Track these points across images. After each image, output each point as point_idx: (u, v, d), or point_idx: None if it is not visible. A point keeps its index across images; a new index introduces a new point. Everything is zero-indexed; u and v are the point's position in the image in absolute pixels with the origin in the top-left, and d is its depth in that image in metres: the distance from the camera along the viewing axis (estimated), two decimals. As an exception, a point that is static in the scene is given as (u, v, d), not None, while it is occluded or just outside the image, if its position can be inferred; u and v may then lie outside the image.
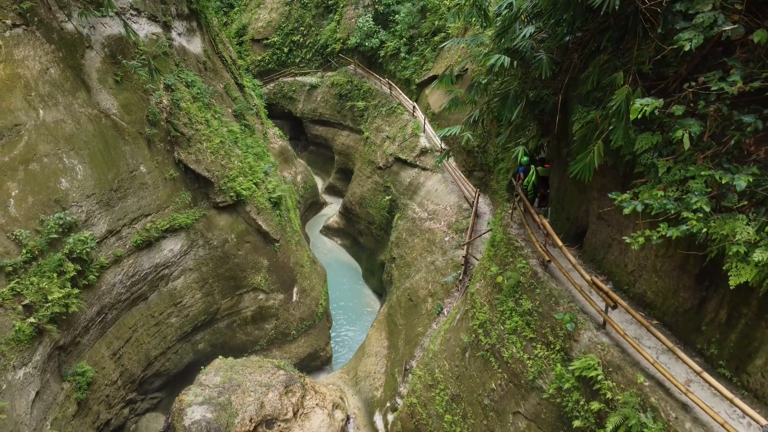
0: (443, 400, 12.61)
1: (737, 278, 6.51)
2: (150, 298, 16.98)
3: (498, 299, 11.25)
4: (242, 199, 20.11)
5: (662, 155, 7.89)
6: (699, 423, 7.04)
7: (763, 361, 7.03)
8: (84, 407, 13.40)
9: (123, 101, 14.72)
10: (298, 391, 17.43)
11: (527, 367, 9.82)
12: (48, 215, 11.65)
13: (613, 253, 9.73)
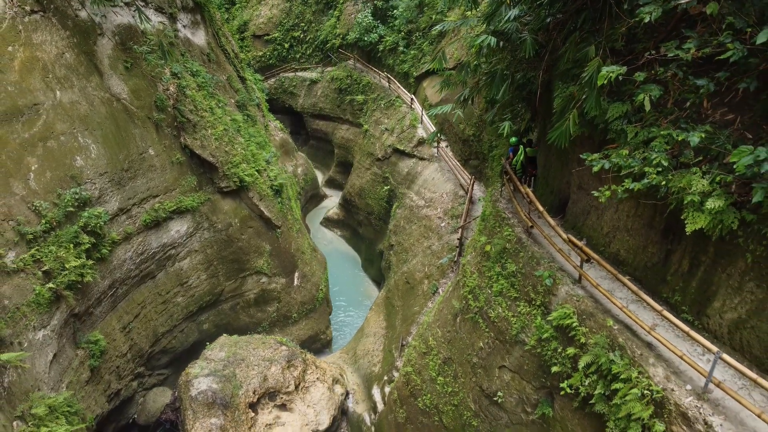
0: (436, 365, 13.37)
1: (693, 225, 7.27)
2: (158, 277, 17.76)
3: (486, 266, 12.02)
4: (245, 185, 20.88)
5: (631, 122, 8.66)
6: (662, 359, 7.80)
7: (720, 304, 7.79)
8: (96, 375, 14.17)
9: (133, 87, 15.51)
10: (300, 366, 18.20)
11: (511, 324, 10.58)
12: (65, 190, 12.44)
13: (591, 219, 10.49)
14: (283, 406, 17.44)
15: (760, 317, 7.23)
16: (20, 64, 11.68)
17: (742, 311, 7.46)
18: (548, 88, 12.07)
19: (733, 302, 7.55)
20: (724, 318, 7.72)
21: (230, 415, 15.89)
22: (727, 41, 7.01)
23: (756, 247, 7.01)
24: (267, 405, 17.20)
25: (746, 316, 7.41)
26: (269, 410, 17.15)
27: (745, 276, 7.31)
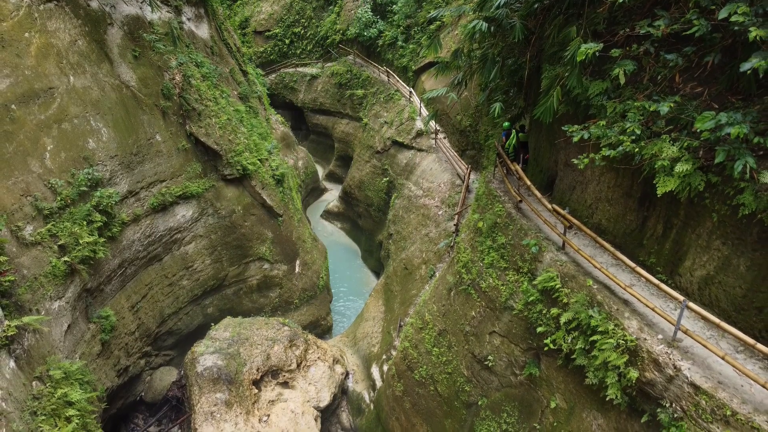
0: (432, 337, 14.01)
1: (663, 188, 7.91)
2: (164, 260, 18.41)
3: (478, 241, 12.66)
4: (248, 173, 21.51)
5: (611, 98, 9.31)
6: (637, 313, 8.45)
7: (690, 262, 8.43)
8: (107, 349, 14.82)
9: (140, 75, 16.16)
10: (302, 345, 18.85)
11: (501, 292, 11.23)
12: (78, 170, 13.09)
13: (577, 193, 11.12)
14: (286, 383, 18.10)
15: (726, 273, 7.87)
16: (36, 49, 12.33)
17: (710, 268, 8.10)
18: (538, 74, 12.69)
19: (702, 260, 8.20)
20: (695, 275, 8.36)
21: (235, 390, 16.54)
22: (694, 18, 7.65)
23: (721, 207, 7.65)
24: (270, 382, 17.85)
25: (714, 273, 8.05)
26: (272, 387, 17.81)
27: (712, 235, 7.95)
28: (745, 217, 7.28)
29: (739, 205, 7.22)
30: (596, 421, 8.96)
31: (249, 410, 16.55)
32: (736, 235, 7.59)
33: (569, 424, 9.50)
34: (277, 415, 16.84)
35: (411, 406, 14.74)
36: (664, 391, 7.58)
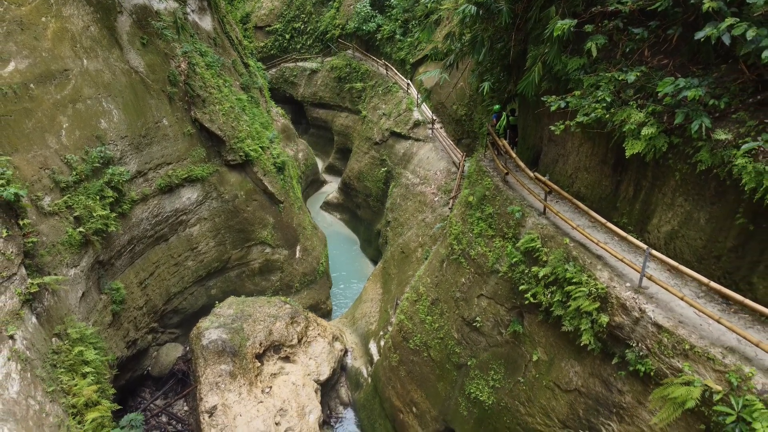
0: (425, 307, 14.80)
1: (631, 150, 8.69)
2: (170, 240, 19.20)
3: (469, 213, 13.45)
4: (250, 159, 22.28)
5: (587, 73, 10.09)
6: (608, 266, 9.23)
7: (657, 220, 9.22)
8: (117, 320, 15.61)
9: (148, 62, 16.95)
10: (302, 322, 19.64)
11: (488, 258, 12.01)
12: (91, 148, 13.87)
13: (559, 165, 11.91)
14: (287, 358, 18.88)
15: (688, 226, 8.66)
16: (52, 33, 13.11)
17: (674, 223, 8.89)
18: (524, 57, 13.46)
19: (667, 216, 8.98)
20: (661, 231, 9.15)
21: (238, 362, 17.32)
22: (657, -6, 8.45)
23: (682, 165, 8.44)
24: (272, 357, 18.63)
25: (678, 227, 8.84)
26: (274, 361, 18.59)
27: (676, 192, 8.74)
28: (702, 173, 8.07)
29: (698, 162, 8.01)
30: (573, 368, 9.74)
31: (252, 381, 17.34)
32: (696, 191, 8.38)
33: (550, 374, 10.29)
34: (279, 387, 17.62)
35: (406, 374, 15.53)
36: (631, 332, 8.36)
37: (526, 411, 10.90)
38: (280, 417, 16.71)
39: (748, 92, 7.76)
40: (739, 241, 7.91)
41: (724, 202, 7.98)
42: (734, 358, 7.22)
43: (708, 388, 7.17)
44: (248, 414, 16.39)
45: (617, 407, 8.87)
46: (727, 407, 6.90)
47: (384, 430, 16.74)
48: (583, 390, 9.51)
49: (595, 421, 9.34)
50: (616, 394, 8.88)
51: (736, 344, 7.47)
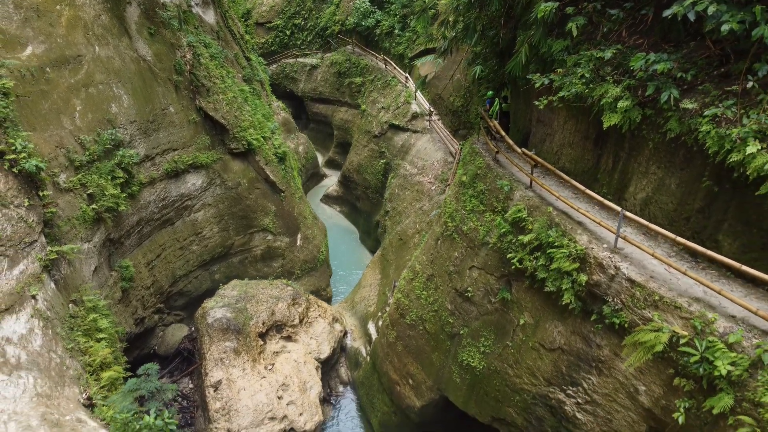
0: (421, 284, 15.49)
1: (608, 122, 9.40)
2: (176, 224, 19.90)
3: (462, 192, 14.15)
4: (253, 148, 22.98)
5: (570, 53, 10.80)
6: (588, 230, 9.94)
7: (633, 188, 9.93)
8: (126, 297, 16.31)
9: (155, 51, 17.65)
10: (304, 304, 20.35)
11: (479, 232, 12.71)
12: (103, 130, 14.58)
13: (546, 144, 12.61)
14: (289, 337, 19.58)
15: (661, 192, 9.37)
16: (66, 20, 13.81)
17: (648, 190, 9.60)
18: (514, 43, 14.16)
19: (642, 184, 9.70)
20: (637, 198, 9.86)
21: (242, 340, 18.02)
22: (631, -23, 9.15)
23: (655, 135, 9.15)
24: (274, 336, 19.33)
25: (651, 193, 9.55)
26: (276, 340, 19.29)
27: (650, 161, 9.45)
28: (672, 141, 8.78)
29: (668, 131, 8.71)
30: (557, 328, 10.45)
31: (255, 358, 18.04)
32: (667, 159, 9.08)
33: (535, 335, 10.99)
34: (281, 364, 18.33)
35: (403, 348, 16.23)
36: (608, 289, 9.07)
37: (514, 372, 11.60)
38: (283, 391, 17.40)
39: (713, 65, 8.47)
40: (705, 203, 8.62)
41: (691, 167, 8.69)
42: (699, 306, 7.93)
43: (675, 333, 7.88)
44: (252, 388, 17.09)
45: (596, 361, 9.57)
46: (692, 349, 7.60)
47: (382, 404, 17.44)
48: (566, 348, 10.22)
49: (576, 376, 10.04)
50: (595, 348, 9.58)
51: (702, 295, 8.17)
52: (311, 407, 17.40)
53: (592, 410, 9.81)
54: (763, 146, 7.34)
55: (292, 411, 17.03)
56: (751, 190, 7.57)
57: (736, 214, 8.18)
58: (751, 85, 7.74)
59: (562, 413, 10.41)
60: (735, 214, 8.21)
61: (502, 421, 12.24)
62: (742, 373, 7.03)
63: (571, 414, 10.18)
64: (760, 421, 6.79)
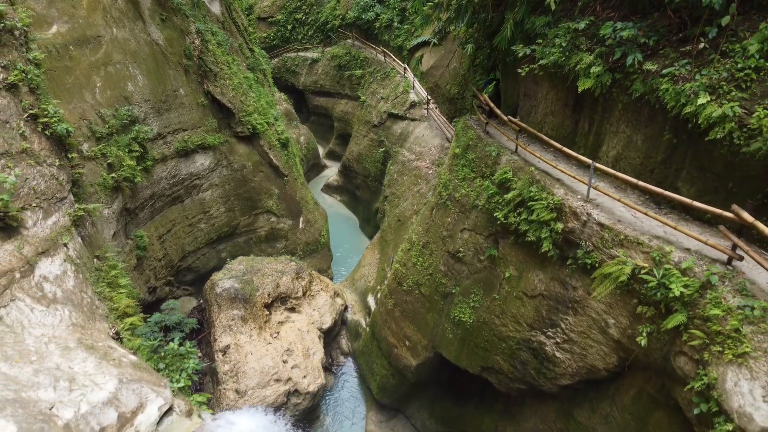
0: (417, 252, 16.54)
1: (583, 86, 10.46)
2: (185, 202, 20.97)
3: (455, 163, 15.21)
4: (257, 132, 24.06)
5: (551, 28, 11.87)
6: (564, 185, 11.00)
7: (606, 146, 10.99)
8: (140, 265, 17.37)
9: (167, 36, 18.74)
10: (307, 278, 21.40)
11: (470, 197, 13.78)
12: (120, 107, 15.66)
13: (532, 115, 13.68)
14: (293, 309, 20.63)
15: (629, 148, 10.44)
16: (87, 3, 14.89)
17: (619, 147, 10.66)
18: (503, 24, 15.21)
19: (613, 142, 10.76)
20: (609, 156, 10.93)
21: (249, 309, 19.07)
22: (602, -45, 10.22)
23: (623, 97, 10.21)
24: (279, 307, 20.38)
25: (621, 150, 10.61)
26: (281, 311, 20.33)
27: (619, 121, 10.52)
28: (637, 100, 9.84)
29: (633, 91, 9.78)
30: (538, 276, 11.50)
31: (261, 327, 19.09)
32: (634, 117, 10.15)
33: (519, 285, 12.05)
34: (285, 332, 19.37)
35: (400, 314, 17.28)
36: (581, 234, 10.13)
37: (500, 322, 12.66)
38: (287, 356, 18.45)
39: (673, 32, 9.54)
40: (666, 155, 9.69)
41: (654, 123, 9.75)
42: (659, 242, 9.00)
43: (637, 265, 8.94)
44: (258, 353, 18.13)
45: (572, 302, 10.63)
46: (651, 277, 8.66)
47: (381, 367, 18.49)
48: (546, 293, 11.27)
49: (555, 318, 11.10)
50: (571, 291, 10.64)
51: (662, 234, 9.24)
52: (314, 371, 18.44)
53: (569, 348, 10.86)
54: (712, 98, 8.41)
55: (297, 374, 18.07)
56: (703, 138, 8.63)
57: (692, 162, 9.24)
58: (703, 46, 8.81)
59: (543, 354, 11.46)
60: (691, 162, 9.27)
61: (490, 370, 13.28)
62: (693, 293, 8.07)
63: (551, 353, 11.23)
64: (709, 333, 7.84)
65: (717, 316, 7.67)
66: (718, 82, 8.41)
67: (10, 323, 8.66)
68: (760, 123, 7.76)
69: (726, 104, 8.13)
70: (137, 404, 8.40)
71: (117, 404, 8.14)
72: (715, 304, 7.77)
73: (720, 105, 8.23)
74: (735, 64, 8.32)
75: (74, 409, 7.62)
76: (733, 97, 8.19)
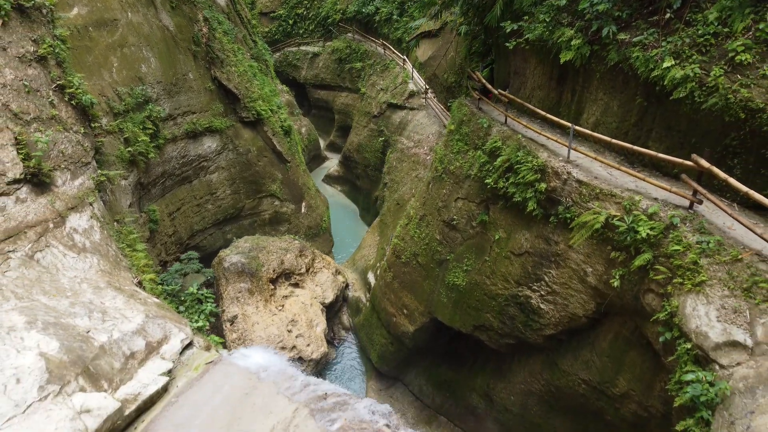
0: (415, 225, 17.52)
1: (564, 57, 11.45)
2: (194, 183, 21.96)
3: (450, 139, 16.20)
4: (261, 118, 25.05)
5: (536, 5, 12.86)
6: (548, 149, 11.98)
7: (587, 114, 11.99)
8: (153, 238, 18.33)
9: (176, 23, 19.73)
10: (310, 255, 22.40)
11: (464, 168, 14.76)
12: (135, 86, 16.65)
13: (521, 91, 14.66)
14: (296, 284, 21.62)
15: (607, 114, 11.43)
16: (104, -12, 15.94)
17: (597, 114, 11.65)
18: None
19: (592, 110, 11.75)
20: (589, 123, 11.92)
21: (255, 282, 20.05)
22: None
23: (601, 66, 11.20)
24: (284, 283, 21.36)
25: (600, 116, 11.60)
26: (285, 287, 21.32)
27: (598, 89, 11.51)
28: (613, 69, 10.83)
29: (609, 60, 10.76)
30: (524, 236, 12.48)
31: (267, 299, 20.08)
32: (610, 85, 11.14)
33: (507, 246, 13.03)
34: (290, 305, 20.37)
35: (399, 285, 18.25)
36: (561, 191, 11.11)
37: (490, 282, 13.64)
38: (292, 326, 19.44)
39: (644, 5, 10.53)
40: (638, 117, 10.68)
41: (628, 89, 10.74)
42: (630, 193, 9.98)
43: (610, 214, 9.92)
44: (264, 323, 19.12)
45: (554, 256, 11.61)
46: (622, 222, 9.65)
47: (380, 337, 19.47)
48: (531, 250, 12.25)
49: (540, 273, 12.08)
50: (553, 245, 11.62)
51: (634, 187, 10.23)
52: (317, 340, 19.43)
53: (552, 299, 11.84)
54: (676, 62, 9.39)
55: (301, 342, 19.05)
56: (669, 98, 9.61)
57: (660, 122, 10.22)
58: (669, 17, 9.80)
59: (529, 307, 12.44)
60: (659, 122, 10.25)
61: (482, 328, 14.24)
62: (658, 234, 9.05)
63: (536, 306, 12.21)
64: (671, 268, 8.81)
65: (678, 252, 8.66)
66: (682, 48, 9.40)
67: (46, 265, 9.64)
68: (716, 81, 8.75)
69: (687, 66, 9.12)
70: (162, 336, 9.38)
71: (144, 334, 9.12)
72: (677, 242, 8.75)
73: (682, 68, 9.22)
74: (696, 31, 9.31)
75: (107, 335, 8.60)
76: (694, 60, 9.18)
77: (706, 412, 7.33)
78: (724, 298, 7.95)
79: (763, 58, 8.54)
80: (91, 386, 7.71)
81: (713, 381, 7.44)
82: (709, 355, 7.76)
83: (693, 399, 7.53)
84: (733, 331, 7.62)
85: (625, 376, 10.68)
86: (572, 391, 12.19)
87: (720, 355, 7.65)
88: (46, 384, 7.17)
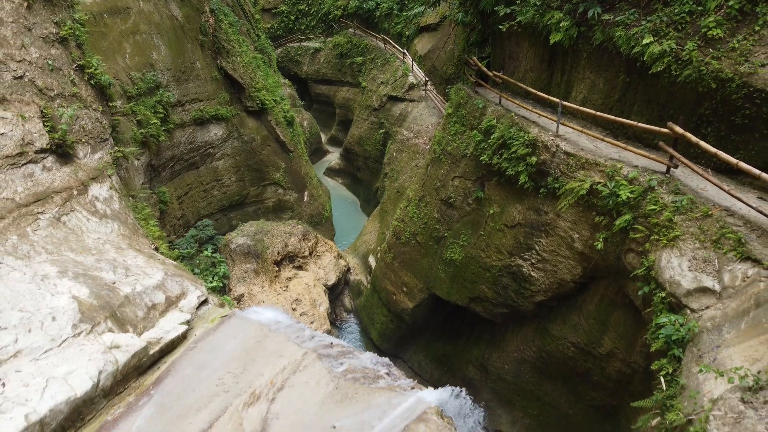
0: (414, 206, 18.29)
1: (554, 38, 12.22)
2: (200, 169, 22.73)
3: (447, 122, 16.96)
4: (265, 108, 25.82)
5: (530, -6, 13.64)
6: (539, 126, 12.74)
7: (575, 92, 12.75)
8: (162, 219, 19.09)
9: (185, 13, 20.52)
10: (312, 239, 23.16)
11: (460, 148, 15.53)
12: (146, 72, 17.42)
13: (515, 74, 15.43)
14: (300, 267, 22.38)
15: (593, 92, 12.20)
16: (118, -22, 16.73)
17: (585, 91, 12.42)
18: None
19: (580, 88, 12.52)
20: (578, 100, 12.68)
21: (261, 264, 20.82)
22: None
23: (587, 47, 11.97)
24: (288, 265, 22.13)
25: (587, 94, 12.37)
26: (289, 269, 22.09)
27: (585, 68, 12.28)
28: (598, 48, 11.60)
29: (594, 40, 11.53)
30: (516, 208, 13.24)
31: (272, 280, 20.84)
32: (596, 63, 11.91)
33: (501, 219, 13.79)
34: (294, 286, 21.13)
35: (399, 265, 19.01)
36: (551, 164, 11.87)
37: (485, 254, 14.40)
38: (296, 305, 20.20)
39: (627, -12, 11.29)
40: (621, 93, 11.45)
41: (612, 66, 11.51)
42: (613, 162, 10.75)
43: (595, 181, 10.69)
44: (269, 301, 19.88)
45: (545, 225, 12.37)
46: (605, 188, 10.41)
47: (381, 315, 20.23)
48: (523, 222, 13.01)
49: (531, 243, 12.84)
50: (543, 215, 12.38)
51: (617, 157, 11.00)
52: (320, 318, 20.18)
53: (542, 267, 12.60)
54: (655, 39, 10.17)
55: (305, 320, 19.80)
56: (648, 73, 10.38)
57: (641, 96, 10.99)
58: (649, -2, 10.58)
59: (520, 276, 13.20)
60: (641, 96, 11.02)
61: (477, 299, 15.00)
62: (637, 197, 9.81)
63: (528, 274, 12.97)
64: (649, 226, 9.57)
65: (655, 211, 9.42)
66: (660, 26, 10.17)
67: (72, 227, 10.42)
68: (690, 54, 9.53)
69: (665, 42, 9.89)
70: (180, 292, 10.14)
71: (164, 289, 9.89)
72: (653, 203, 9.52)
73: (660, 44, 9.99)
74: (673, 9, 10.08)
75: (131, 287, 9.37)
76: (671, 37, 9.95)
77: (678, 350, 8.08)
78: (695, 250, 8.71)
79: (733, 33, 9.31)
80: (118, 329, 8.49)
81: (684, 323, 8.20)
82: (681, 301, 8.52)
83: (666, 340, 8.29)
84: (702, 278, 8.37)
85: (610, 335, 11.44)
86: (562, 354, 12.95)
87: (691, 300, 8.41)
88: (79, 323, 7.95)
